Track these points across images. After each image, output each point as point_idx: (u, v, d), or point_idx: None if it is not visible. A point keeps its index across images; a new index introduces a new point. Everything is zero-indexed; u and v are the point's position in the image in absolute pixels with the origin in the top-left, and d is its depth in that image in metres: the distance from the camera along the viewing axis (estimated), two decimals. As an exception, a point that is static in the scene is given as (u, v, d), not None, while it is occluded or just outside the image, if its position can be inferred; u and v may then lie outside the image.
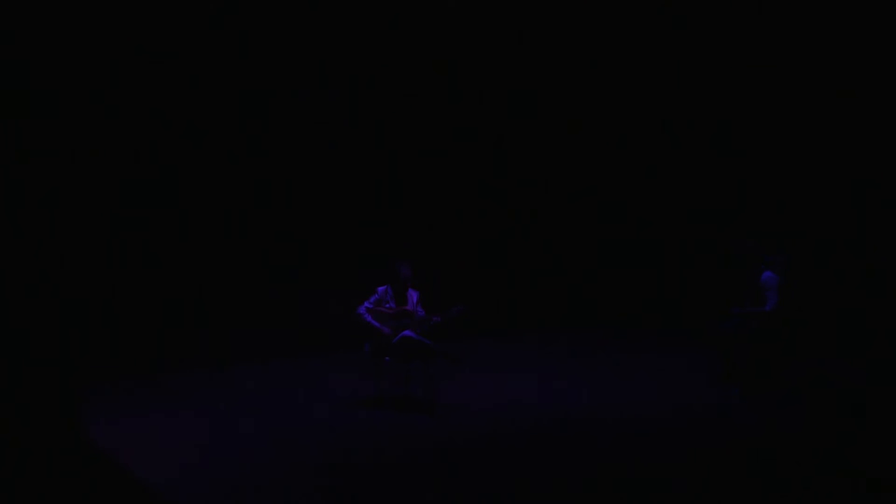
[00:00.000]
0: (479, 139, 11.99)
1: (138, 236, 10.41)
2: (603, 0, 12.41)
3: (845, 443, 8.46)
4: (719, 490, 7.38)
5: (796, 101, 11.85)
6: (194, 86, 10.37)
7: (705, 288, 12.76)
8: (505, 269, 12.22)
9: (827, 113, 11.64)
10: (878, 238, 11.26)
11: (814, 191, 11.76)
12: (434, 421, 9.35)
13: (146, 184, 10.40)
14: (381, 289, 9.69)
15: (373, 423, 9.37)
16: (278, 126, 10.89)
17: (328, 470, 8.18)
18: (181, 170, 10.53)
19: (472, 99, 11.82)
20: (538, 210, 12.42)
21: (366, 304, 9.61)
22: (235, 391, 10.21)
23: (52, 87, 9.18)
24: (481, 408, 9.70)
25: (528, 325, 12.33)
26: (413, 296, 9.78)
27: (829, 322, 11.13)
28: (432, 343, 9.52)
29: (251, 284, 10.91)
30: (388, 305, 9.64)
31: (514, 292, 12.26)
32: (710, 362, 10.42)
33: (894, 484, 7.35)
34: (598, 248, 12.75)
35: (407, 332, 9.53)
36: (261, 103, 10.73)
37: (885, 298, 10.94)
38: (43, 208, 9.64)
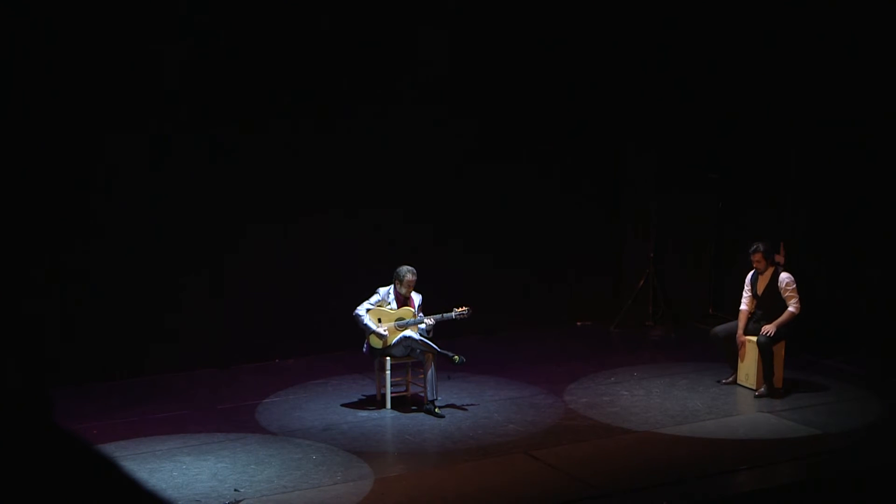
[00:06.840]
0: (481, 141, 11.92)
1: (137, 234, 10.36)
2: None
3: None
4: None
5: None
6: (198, 78, 10.32)
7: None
8: (507, 268, 12.13)
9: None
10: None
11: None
12: (434, 421, 9.31)
13: (140, 180, 10.34)
14: (382, 290, 9.65)
15: (372, 423, 9.33)
16: (278, 122, 10.82)
17: (327, 470, 8.15)
18: (181, 169, 10.48)
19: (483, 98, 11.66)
20: (543, 210, 12.33)
21: (366, 304, 9.57)
22: (234, 391, 10.15)
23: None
24: (482, 408, 9.65)
25: (531, 326, 12.25)
26: (415, 299, 9.72)
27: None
28: (432, 343, 9.49)
29: (250, 283, 10.85)
30: (389, 307, 9.60)
31: (517, 292, 12.19)
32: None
33: None
34: (595, 248, 12.66)
35: (407, 333, 9.50)
36: (257, 99, 10.65)
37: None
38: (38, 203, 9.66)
